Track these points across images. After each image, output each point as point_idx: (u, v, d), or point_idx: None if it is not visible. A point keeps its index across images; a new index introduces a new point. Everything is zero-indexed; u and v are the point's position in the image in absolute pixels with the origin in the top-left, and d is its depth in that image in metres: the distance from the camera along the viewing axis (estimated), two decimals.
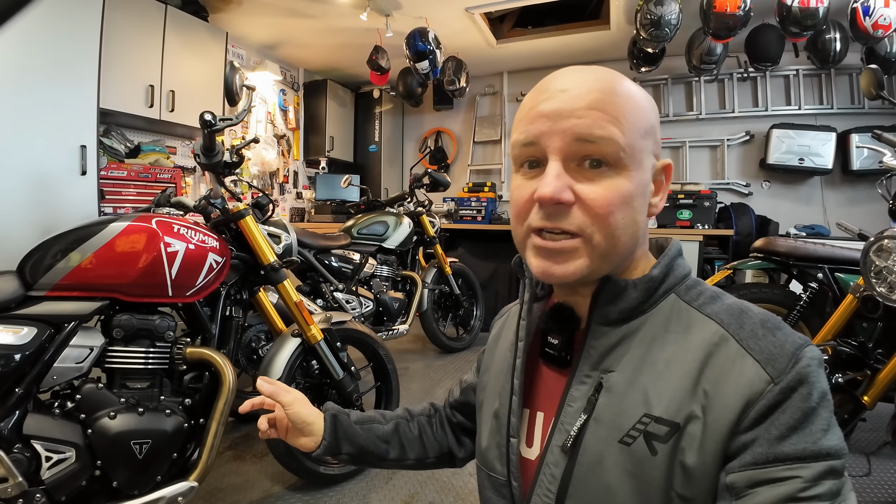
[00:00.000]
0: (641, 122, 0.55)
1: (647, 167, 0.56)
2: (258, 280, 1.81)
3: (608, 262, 0.56)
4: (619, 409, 0.54)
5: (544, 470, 0.58)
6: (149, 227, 1.43)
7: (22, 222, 2.46)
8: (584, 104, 0.52)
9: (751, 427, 0.48)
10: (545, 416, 0.63)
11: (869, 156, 3.99)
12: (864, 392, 1.78)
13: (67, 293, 1.34)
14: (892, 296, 1.67)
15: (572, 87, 0.54)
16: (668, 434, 0.50)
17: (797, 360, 0.49)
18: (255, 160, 4.66)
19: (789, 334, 0.51)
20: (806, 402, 0.47)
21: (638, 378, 0.54)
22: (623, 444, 0.52)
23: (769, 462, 0.46)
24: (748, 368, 0.49)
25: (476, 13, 3.99)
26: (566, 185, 0.53)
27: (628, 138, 0.53)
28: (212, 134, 1.61)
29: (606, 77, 0.55)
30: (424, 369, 3.36)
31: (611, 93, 0.53)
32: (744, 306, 0.55)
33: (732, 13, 3.19)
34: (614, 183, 0.53)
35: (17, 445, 1.23)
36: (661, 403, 0.52)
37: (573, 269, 0.54)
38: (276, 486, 1.93)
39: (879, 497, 1.89)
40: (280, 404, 0.78)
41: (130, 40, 3.21)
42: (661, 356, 0.54)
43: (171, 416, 1.40)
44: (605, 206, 0.52)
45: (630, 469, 0.52)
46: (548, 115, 0.54)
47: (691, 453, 0.49)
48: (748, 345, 0.51)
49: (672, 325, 0.56)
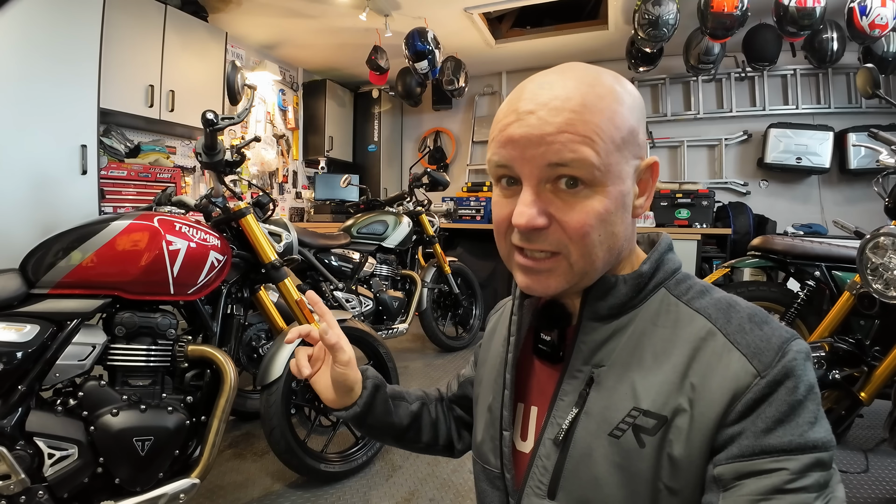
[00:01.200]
0: (619, 132, 0.52)
1: (627, 175, 0.54)
2: (259, 278, 1.82)
3: (588, 277, 0.56)
4: (609, 403, 0.55)
5: (537, 462, 0.59)
6: (151, 225, 1.44)
7: (23, 221, 2.47)
8: (554, 128, 0.51)
9: (737, 420, 0.48)
10: (538, 411, 0.64)
11: (866, 155, 4.01)
12: (860, 388, 1.79)
13: (70, 291, 1.35)
14: (889, 292, 1.67)
15: (541, 107, 0.52)
16: (655, 427, 0.51)
17: (784, 353, 0.49)
18: (255, 160, 4.67)
19: (776, 328, 0.52)
20: (792, 395, 0.47)
21: (627, 372, 0.55)
22: (612, 437, 0.53)
23: (755, 454, 0.47)
24: (735, 362, 0.50)
25: (475, 13, 4.00)
26: (540, 210, 0.53)
27: (603, 157, 0.51)
28: (213, 133, 1.62)
29: (580, 86, 0.52)
30: (424, 368, 3.37)
31: (583, 110, 0.51)
32: (732, 300, 0.56)
33: (730, 13, 3.20)
34: (589, 203, 0.52)
35: (19, 442, 1.23)
36: (649, 397, 0.52)
37: (553, 285, 0.56)
38: (276, 483, 1.94)
39: (877, 493, 1.89)
40: (333, 358, 0.72)
41: (130, 40, 3.22)
42: (650, 350, 0.55)
43: (173, 414, 1.41)
44: (579, 229, 0.52)
45: (619, 461, 0.52)
46: (517, 142, 0.52)
47: (678, 445, 0.50)
48: (735, 339, 0.51)
49: (661, 319, 0.56)
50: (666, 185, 4.25)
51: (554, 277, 0.55)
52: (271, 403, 1.74)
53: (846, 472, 2.00)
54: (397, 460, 2.12)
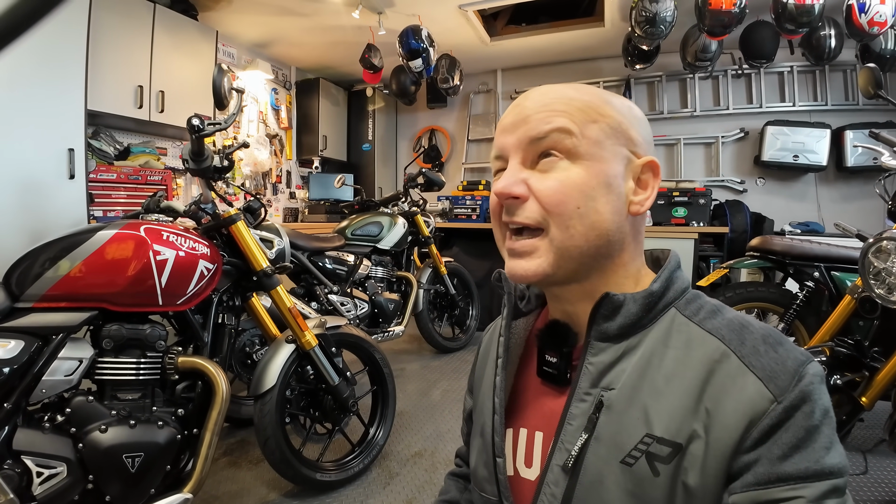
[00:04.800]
0: (602, 116, 0.56)
1: (612, 160, 0.56)
2: (251, 286, 1.79)
3: (571, 259, 0.56)
4: (620, 428, 0.53)
5: (544, 490, 0.57)
6: (137, 234, 1.40)
7: (9, 228, 2.42)
8: (532, 111, 0.56)
9: (753, 447, 0.47)
10: (544, 436, 0.61)
11: (863, 152, 4.00)
12: (861, 393, 1.77)
13: (55, 304, 1.31)
14: (891, 297, 1.66)
15: (532, 101, 0.57)
16: (670, 455, 0.50)
17: (800, 377, 0.48)
18: (248, 160, 4.63)
19: (791, 350, 0.51)
20: (809, 421, 0.47)
21: (638, 395, 0.53)
22: (625, 465, 0.52)
23: (772, 482, 0.46)
24: (750, 385, 0.49)
25: (469, 10, 3.97)
26: (519, 179, 0.56)
27: (580, 126, 0.54)
28: (200, 139, 1.58)
29: (565, 88, 0.58)
30: (421, 370, 3.35)
31: (566, 96, 0.56)
32: (745, 321, 0.55)
33: (728, 10, 3.18)
34: (565, 173, 0.54)
35: (7, 461, 1.20)
36: (663, 422, 0.51)
37: (534, 266, 0.56)
38: (272, 492, 1.91)
39: (876, 495, 1.89)
40: None
41: (118, 40, 3.17)
42: (662, 373, 0.53)
43: (164, 428, 1.38)
44: (554, 195, 0.54)
45: (631, 489, 0.51)
46: (507, 128, 0.58)
47: (693, 473, 0.49)
48: (750, 361, 0.50)
49: (672, 340, 0.55)
50: (663, 183, 4.23)
51: (535, 258, 0.56)
52: (265, 413, 1.71)
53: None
54: (394, 468, 2.09)
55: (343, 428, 1.98)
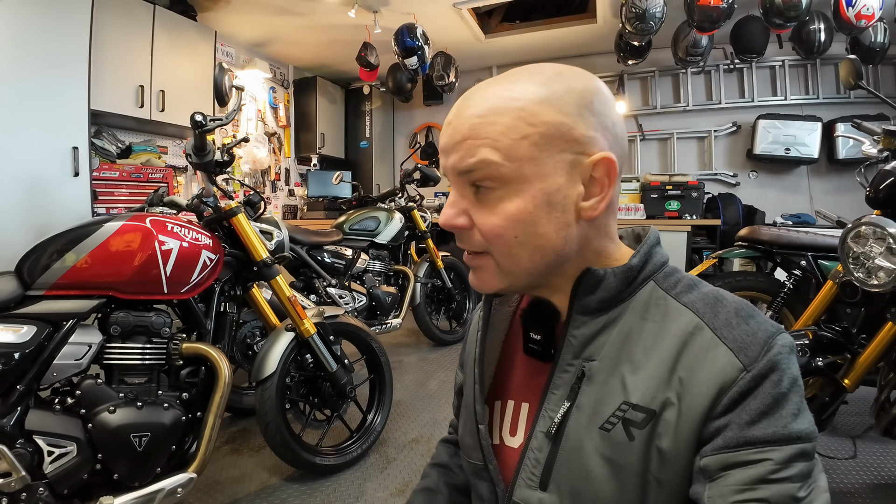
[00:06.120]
0: (533, 128, 0.52)
1: (552, 174, 0.53)
2: (251, 276, 1.84)
3: (520, 277, 0.58)
4: (600, 397, 0.56)
5: (528, 455, 0.59)
6: (143, 226, 1.46)
7: (17, 224, 2.48)
8: (460, 136, 0.54)
9: (723, 413, 0.49)
10: (530, 407, 0.64)
11: (854, 145, 4.00)
12: (844, 375, 1.81)
13: (65, 292, 1.37)
14: (870, 281, 1.70)
15: (457, 117, 0.55)
16: (644, 420, 0.52)
17: (769, 347, 0.50)
18: (247, 158, 4.67)
19: (762, 322, 0.53)
20: (776, 388, 0.49)
21: (618, 366, 0.56)
22: (603, 431, 0.54)
23: (740, 445, 0.48)
24: (721, 356, 0.51)
25: (464, 8, 4.01)
26: (460, 211, 0.57)
27: (506, 153, 0.52)
28: (202, 134, 1.64)
29: (497, 92, 0.54)
30: (418, 362, 3.40)
31: (488, 113, 0.53)
32: (719, 295, 0.57)
33: (716, 5, 3.23)
34: (502, 206, 0.54)
35: (19, 441, 1.26)
36: (639, 391, 0.53)
37: (488, 284, 0.59)
38: (273, 477, 1.97)
39: (865, 479, 1.93)
40: None
41: (119, 41, 3.22)
42: (640, 345, 0.56)
43: (169, 410, 1.44)
44: (493, 230, 0.55)
45: (608, 454, 0.53)
46: (443, 149, 0.57)
47: (666, 438, 0.51)
48: (722, 333, 0.52)
49: (650, 313, 0.57)
50: (656, 177, 4.29)
51: (487, 275, 0.59)
52: (266, 399, 1.76)
53: (834, 458, 2.03)
54: (391, 452, 2.15)
55: (342, 414, 2.04)
